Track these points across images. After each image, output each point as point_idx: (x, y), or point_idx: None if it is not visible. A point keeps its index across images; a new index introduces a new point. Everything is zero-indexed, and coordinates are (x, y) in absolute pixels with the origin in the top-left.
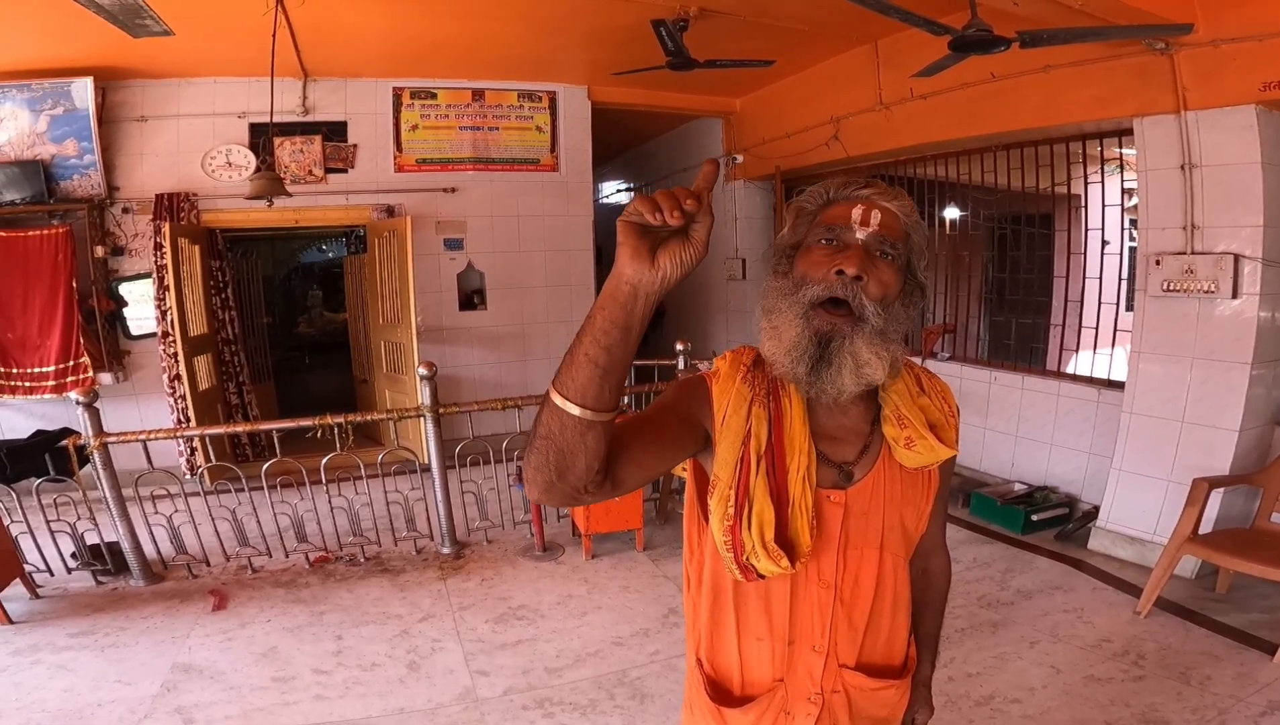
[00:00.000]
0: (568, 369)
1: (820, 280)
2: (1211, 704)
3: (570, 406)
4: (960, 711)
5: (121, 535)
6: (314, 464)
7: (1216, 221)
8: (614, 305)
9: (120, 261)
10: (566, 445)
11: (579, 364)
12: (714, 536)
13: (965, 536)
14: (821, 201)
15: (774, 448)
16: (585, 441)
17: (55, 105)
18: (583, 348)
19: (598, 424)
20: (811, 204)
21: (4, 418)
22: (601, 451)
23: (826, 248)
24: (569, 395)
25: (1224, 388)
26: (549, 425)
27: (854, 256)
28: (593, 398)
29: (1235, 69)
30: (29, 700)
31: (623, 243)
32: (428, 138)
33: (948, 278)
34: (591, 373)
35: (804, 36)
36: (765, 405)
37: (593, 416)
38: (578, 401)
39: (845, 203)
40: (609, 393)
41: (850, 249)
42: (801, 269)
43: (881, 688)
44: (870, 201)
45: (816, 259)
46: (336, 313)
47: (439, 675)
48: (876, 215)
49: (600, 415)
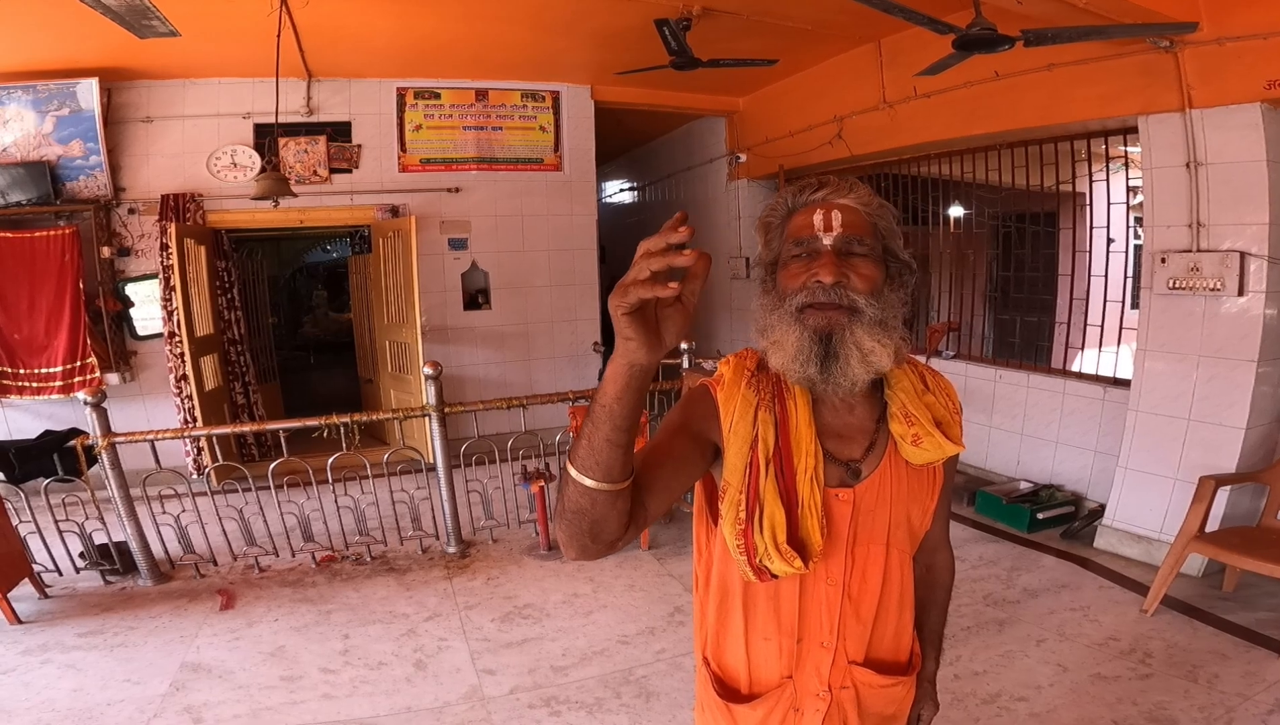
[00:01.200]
0: (589, 454)
1: (800, 289)
2: (1219, 702)
3: (601, 485)
4: (966, 710)
5: (129, 535)
6: (320, 464)
7: (1222, 219)
8: (631, 393)
9: (126, 262)
10: (599, 516)
11: (600, 448)
12: (726, 540)
13: (971, 535)
14: (784, 213)
15: (781, 450)
16: (616, 507)
17: (61, 106)
18: (602, 434)
19: (625, 490)
20: (776, 217)
21: (12, 418)
22: (630, 506)
23: (800, 261)
24: (596, 476)
25: (1230, 385)
26: (578, 503)
27: (827, 265)
28: (618, 472)
29: (1240, 67)
30: (38, 700)
31: (630, 337)
32: (431, 138)
33: (952, 276)
34: (614, 454)
35: (807, 35)
36: (771, 409)
37: (621, 486)
38: (605, 479)
39: (805, 210)
40: (629, 461)
41: (822, 257)
42: (782, 284)
43: (889, 684)
44: (828, 203)
45: (792, 272)
46: (341, 313)
47: (445, 674)
48: (837, 216)
49: (626, 482)
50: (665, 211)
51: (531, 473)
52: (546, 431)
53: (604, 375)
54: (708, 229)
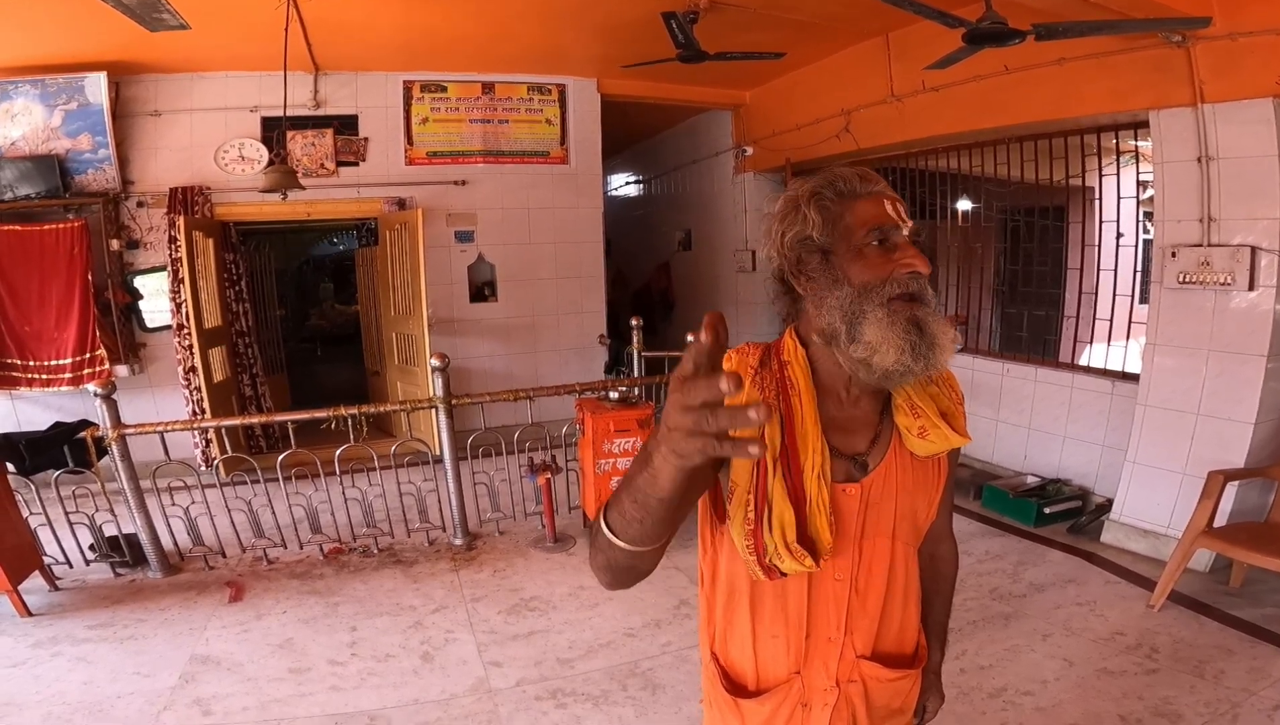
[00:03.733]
0: (640, 533)
1: (889, 280)
2: (1225, 698)
3: (640, 548)
4: (972, 703)
5: (139, 527)
6: (328, 455)
7: (1233, 214)
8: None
9: (135, 255)
10: (644, 568)
11: (651, 529)
12: (735, 541)
13: (977, 529)
14: (843, 196)
15: (788, 448)
16: (659, 555)
17: (69, 100)
18: (654, 518)
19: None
20: (834, 201)
21: (22, 410)
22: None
23: (879, 249)
24: (644, 544)
25: (1239, 380)
26: (626, 562)
27: (919, 255)
28: (656, 536)
29: (1253, 62)
30: (49, 693)
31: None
32: (438, 131)
33: (959, 269)
34: (667, 530)
35: (815, 29)
36: (776, 406)
37: (660, 545)
38: (645, 544)
39: (872, 198)
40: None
41: (907, 248)
42: (860, 275)
43: (897, 678)
44: (891, 196)
45: (873, 263)
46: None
47: (452, 666)
48: (901, 207)
49: (671, 534)
50: (671, 205)
51: (538, 465)
52: (553, 424)
53: (655, 467)
54: (714, 222)
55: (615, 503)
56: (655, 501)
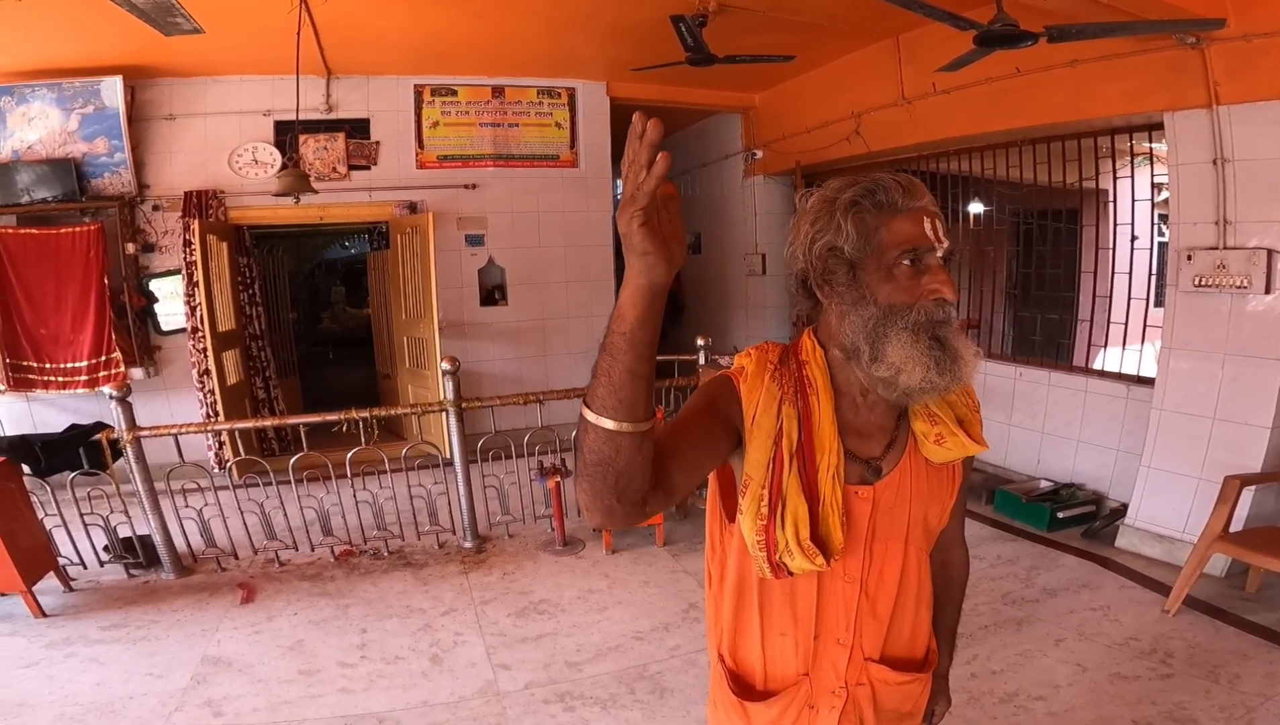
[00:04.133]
0: (610, 391)
1: (914, 306)
2: (1240, 702)
3: (624, 426)
4: (984, 708)
5: (153, 528)
6: (339, 458)
7: (1249, 216)
8: (652, 315)
9: (151, 258)
10: (625, 465)
11: (622, 382)
12: (745, 536)
13: (989, 534)
14: (882, 209)
15: (804, 447)
16: (641, 452)
17: (85, 104)
18: (623, 365)
19: (650, 432)
20: (872, 214)
21: (39, 412)
22: (654, 455)
23: (910, 270)
24: (619, 416)
25: (1256, 384)
26: (602, 452)
27: (949, 282)
28: (642, 409)
29: (1268, 64)
30: (62, 693)
31: (648, 252)
32: (449, 134)
33: (971, 273)
34: (637, 387)
35: (824, 31)
36: (795, 403)
37: (645, 427)
38: (629, 418)
39: (913, 215)
40: (651, 396)
41: (937, 271)
42: (888, 296)
43: (906, 681)
44: (932, 212)
45: (905, 284)
46: (359, 308)
47: (461, 668)
48: (940, 225)
49: (650, 422)
50: (681, 207)
51: (548, 468)
52: (563, 427)
53: (619, 303)
54: (723, 225)
55: (594, 379)
56: (622, 339)
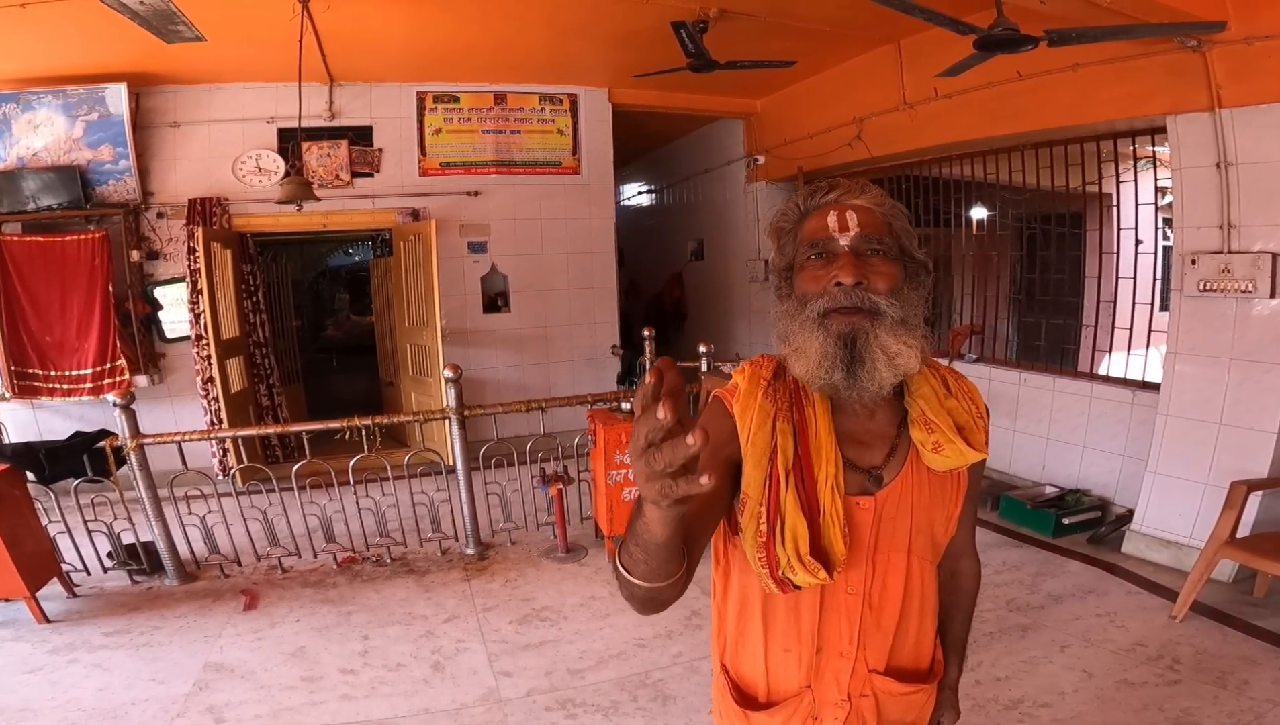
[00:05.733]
0: (650, 573)
1: (820, 293)
2: (1248, 708)
3: (654, 583)
4: (989, 715)
5: (156, 535)
6: (342, 465)
7: (1253, 220)
8: (681, 526)
9: (155, 266)
10: (666, 598)
11: (660, 568)
12: (747, 553)
13: (994, 540)
14: (796, 217)
15: (801, 459)
16: (679, 587)
17: (90, 111)
18: (659, 559)
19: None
20: (788, 222)
21: (43, 419)
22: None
23: (817, 263)
24: (658, 580)
25: (1262, 389)
26: (646, 595)
27: (846, 265)
28: (676, 566)
29: (1270, 66)
30: (65, 699)
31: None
32: (451, 141)
33: (975, 278)
34: (673, 565)
35: (825, 37)
36: (789, 418)
37: (680, 572)
38: (666, 579)
39: (818, 212)
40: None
41: (840, 258)
42: (800, 288)
43: (910, 692)
44: (841, 204)
45: (810, 276)
46: (363, 316)
47: (463, 676)
48: (852, 216)
49: (684, 564)
50: (683, 214)
51: (550, 476)
52: (565, 434)
53: (647, 518)
54: (725, 231)
55: (624, 545)
56: (654, 546)
